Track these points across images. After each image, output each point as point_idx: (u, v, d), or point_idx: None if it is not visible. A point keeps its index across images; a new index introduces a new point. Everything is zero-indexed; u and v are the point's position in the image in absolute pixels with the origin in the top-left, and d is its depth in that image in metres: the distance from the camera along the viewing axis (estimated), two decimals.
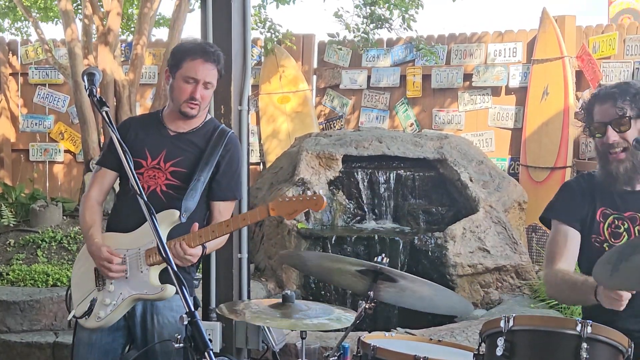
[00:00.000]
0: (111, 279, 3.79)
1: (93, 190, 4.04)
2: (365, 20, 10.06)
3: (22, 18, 12.17)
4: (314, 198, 3.61)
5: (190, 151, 3.92)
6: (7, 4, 11.88)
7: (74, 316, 3.85)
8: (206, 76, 3.86)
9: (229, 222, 3.76)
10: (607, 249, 3.40)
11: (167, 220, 3.79)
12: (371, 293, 3.34)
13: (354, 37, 10.21)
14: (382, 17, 9.98)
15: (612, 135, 3.31)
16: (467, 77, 10.23)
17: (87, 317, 3.80)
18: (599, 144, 3.39)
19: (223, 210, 4.01)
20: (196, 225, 3.78)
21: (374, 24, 10.03)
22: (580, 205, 3.52)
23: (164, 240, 3.74)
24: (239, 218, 3.82)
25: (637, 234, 3.37)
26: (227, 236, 3.97)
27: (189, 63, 3.85)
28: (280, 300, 3.61)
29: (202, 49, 3.94)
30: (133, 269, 3.79)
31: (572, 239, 3.55)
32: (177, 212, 3.79)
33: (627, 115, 3.29)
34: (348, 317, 3.54)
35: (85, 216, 3.98)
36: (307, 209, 3.64)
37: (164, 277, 3.76)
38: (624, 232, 3.40)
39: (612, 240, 3.42)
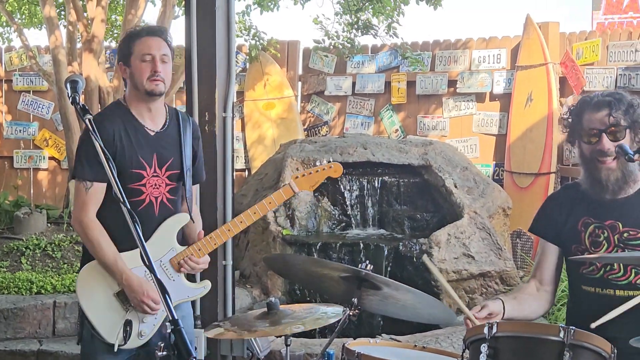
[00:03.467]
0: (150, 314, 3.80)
1: (91, 210, 3.79)
2: (347, 27, 10.07)
3: (4, 24, 12.12)
4: (331, 167, 3.95)
5: (175, 149, 3.92)
6: None
7: (119, 346, 3.75)
8: (159, 49, 3.83)
9: (254, 209, 3.88)
10: None
11: (178, 224, 3.89)
12: (355, 300, 3.34)
13: (336, 44, 10.21)
14: (367, 24, 9.99)
15: (607, 143, 3.33)
16: (452, 83, 10.25)
17: (126, 341, 3.75)
18: (588, 151, 3.40)
19: (196, 192, 4.27)
20: (202, 233, 3.88)
21: (359, 30, 10.05)
22: (561, 218, 3.56)
23: (178, 246, 3.87)
24: (264, 203, 3.90)
25: (616, 243, 3.38)
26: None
27: (138, 44, 3.84)
28: (265, 309, 3.59)
29: (144, 28, 3.99)
30: (163, 280, 3.75)
31: (549, 253, 3.65)
32: (187, 215, 3.90)
33: (622, 125, 3.32)
34: (337, 310, 3.52)
35: (101, 244, 3.74)
36: (326, 177, 3.96)
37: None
38: (604, 241, 3.41)
39: (592, 249, 3.43)
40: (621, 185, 3.38)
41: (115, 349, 3.74)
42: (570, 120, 3.51)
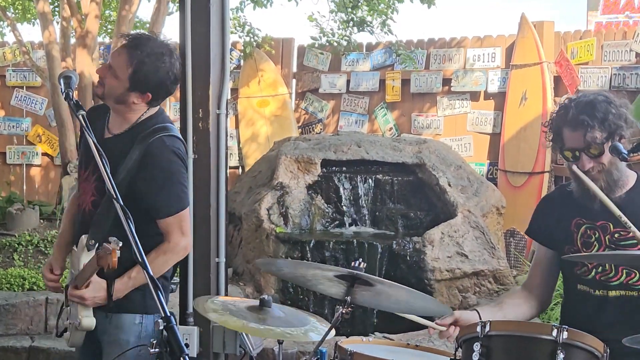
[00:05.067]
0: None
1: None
2: (343, 24, 10.06)
3: None
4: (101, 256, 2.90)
5: (116, 159, 3.40)
6: None
7: (63, 331, 3.68)
8: (112, 59, 3.58)
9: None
10: None
11: (80, 248, 3.51)
12: (348, 298, 3.34)
13: (331, 41, 10.20)
14: (364, 22, 9.98)
15: (587, 163, 3.28)
16: (446, 81, 10.25)
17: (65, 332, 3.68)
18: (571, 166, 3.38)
19: (165, 228, 3.52)
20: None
21: (356, 27, 10.03)
22: (554, 220, 3.53)
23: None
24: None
25: (607, 243, 3.37)
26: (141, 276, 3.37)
27: None
28: (257, 302, 3.57)
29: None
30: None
31: (543, 257, 3.63)
32: (83, 238, 3.47)
33: (598, 142, 3.25)
34: (320, 329, 3.48)
35: (63, 223, 3.85)
36: (97, 269, 3.10)
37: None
38: (595, 242, 3.39)
39: (584, 250, 3.41)
40: (606, 194, 3.34)
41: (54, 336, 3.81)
42: (551, 132, 3.45)
